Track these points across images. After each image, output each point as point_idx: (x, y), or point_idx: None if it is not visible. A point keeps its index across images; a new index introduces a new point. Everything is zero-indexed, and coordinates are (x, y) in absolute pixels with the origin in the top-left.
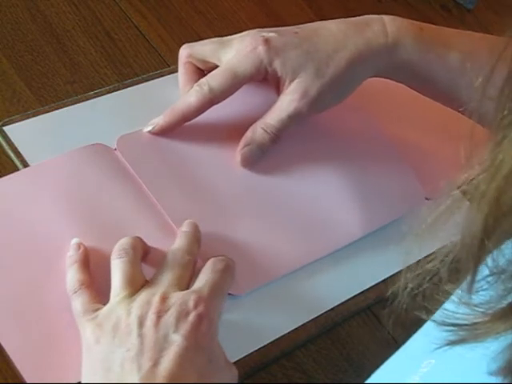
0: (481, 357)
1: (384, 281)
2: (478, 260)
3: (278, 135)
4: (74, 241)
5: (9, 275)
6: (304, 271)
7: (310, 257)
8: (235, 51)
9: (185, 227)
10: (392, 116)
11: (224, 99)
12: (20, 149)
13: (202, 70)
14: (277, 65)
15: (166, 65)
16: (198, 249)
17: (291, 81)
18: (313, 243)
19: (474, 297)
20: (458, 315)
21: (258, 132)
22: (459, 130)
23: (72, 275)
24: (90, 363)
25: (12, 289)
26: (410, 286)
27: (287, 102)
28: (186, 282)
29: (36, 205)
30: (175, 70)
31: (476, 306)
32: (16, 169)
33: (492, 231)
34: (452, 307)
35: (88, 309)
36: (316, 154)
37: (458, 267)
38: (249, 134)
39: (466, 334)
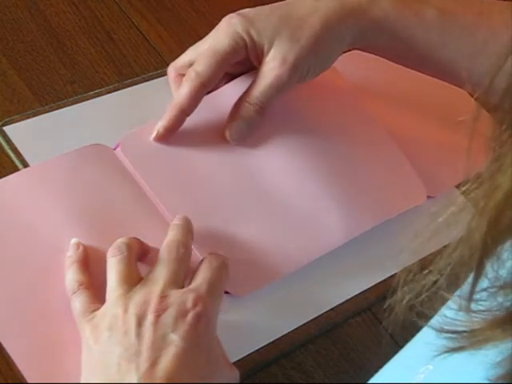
0: (479, 364)
1: (384, 281)
2: (478, 274)
3: (263, 106)
4: (73, 241)
5: (9, 275)
6: (304, 271)
7: (312, 255)
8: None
9: (176, 220)
10: (391, 110)
11: (214, 81)
12: (20, 149)
13: None
14: (253, 33)
15: (165, 65)
16: (191, 240)
17: (268, 49)
18: (313, 241)
19: (473, 304)
20: (456, 322)
21: (242, 106)
22: (463, 124)
23: (71, 276)
24: (89, 364)
25: (12, 289)
26: (408, 297)
27: (267, 71)
28: (182, 276)
29: (36, 205)
30: None
31: (475, 312)
32: (16, 169)
33: (491, 249)
34: (450, 314)
35: (87, 309)
36: (314, 150)
37: (457, 275)
38: (233, 109)
39: (465, 341)
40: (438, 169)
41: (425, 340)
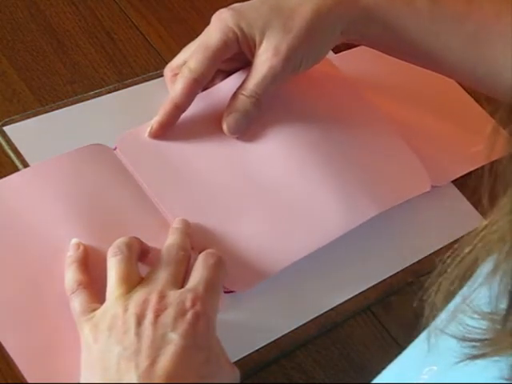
0: (484, 367)
1: (384, 281)
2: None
3: (259, 98)
4: (74, 241)
5: (9, 275)
6: (304, 271)
7: (308, 248)
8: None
9: (176, 224)
10: (395, 100)
11: (207, 76)
12: (20, 149)
13: None
14: (243, 26)
15: (165, 65)
16: (189, 244)
17: (260, 41)
18: (312, 233)
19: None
20: (479, 330)
21: (238, 99)
22: (465, 114)
23: (70, 275)
24: (88, 363)
25: (12, 289)
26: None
27: (261, 62)
28: (181, 278)
29: (36, 205)
30: None
31: (500, 322)
32: (16, 169)
33: None
34: (473, 322)
35: (86, 309)
36: (313, 141)
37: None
38: (230, 102)
39: (487, 348)
40: (440, 159)
41: (428, 339)
